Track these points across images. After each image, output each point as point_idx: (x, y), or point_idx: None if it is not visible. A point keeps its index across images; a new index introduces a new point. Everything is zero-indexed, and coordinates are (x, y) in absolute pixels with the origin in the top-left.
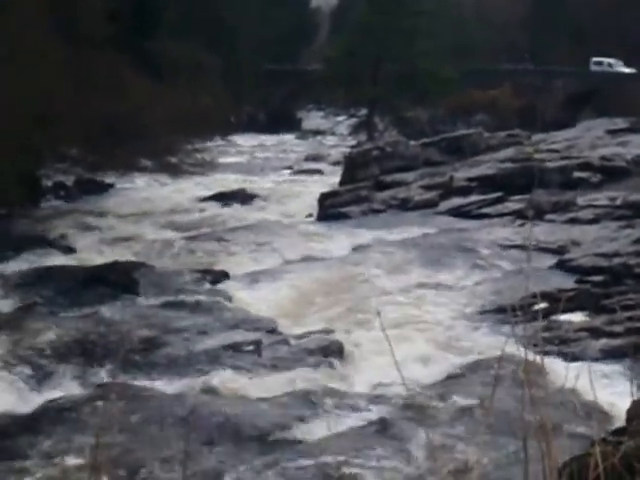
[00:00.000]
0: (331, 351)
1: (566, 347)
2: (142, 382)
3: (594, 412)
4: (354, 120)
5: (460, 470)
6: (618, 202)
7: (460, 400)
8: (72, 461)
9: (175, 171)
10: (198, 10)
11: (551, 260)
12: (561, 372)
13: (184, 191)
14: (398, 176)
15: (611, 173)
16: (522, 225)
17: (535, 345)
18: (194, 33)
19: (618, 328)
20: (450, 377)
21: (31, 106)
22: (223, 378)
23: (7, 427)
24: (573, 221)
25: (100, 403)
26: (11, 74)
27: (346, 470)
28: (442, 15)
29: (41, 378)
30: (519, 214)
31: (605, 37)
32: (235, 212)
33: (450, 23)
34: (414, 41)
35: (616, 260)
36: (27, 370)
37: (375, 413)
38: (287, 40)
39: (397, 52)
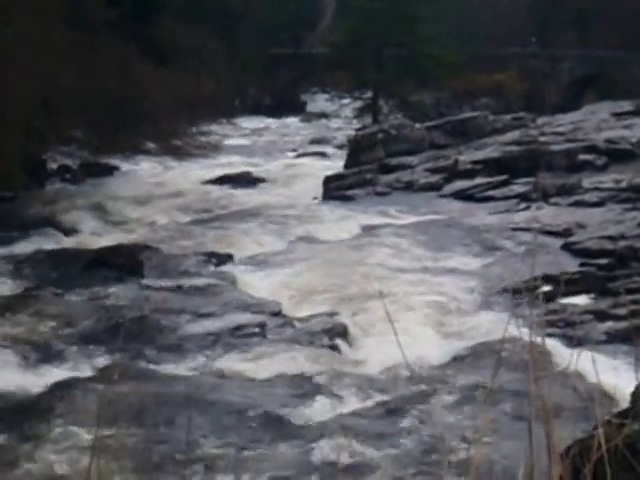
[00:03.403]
0: (336, 333)
1: (571, 330)
2: (147, 364)
3: (598, 395)
4: (359, 103)
5: (463, 451)
6: (623, 185)
7: (465, 382)
8: (75, 442)
9: (180, 154)
10: None
11: (556, 243)
12: (565, 355)
13: (189, 174)
14: (403, 159)
15: (616, 156)
16: (527, 208)
17: (540, 328)
18: (199, 17)
19: (623, 311)
20: (455, 359)
21: (36, 90)
22: (228, 360)
23: (11, 408)
24: (578, 204)
25: (104, 385)
26: (15, 58)
27: (351, 452)
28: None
29: (45, 359)
30: (524, 197)
31: (609, 21)
32: (240, 195)
33: (456, 7)
34: (419, 25)
35: (621, 243)
36: (31, 352)
37: (380, 395)
38: (292, 24)
39: (402, 36)
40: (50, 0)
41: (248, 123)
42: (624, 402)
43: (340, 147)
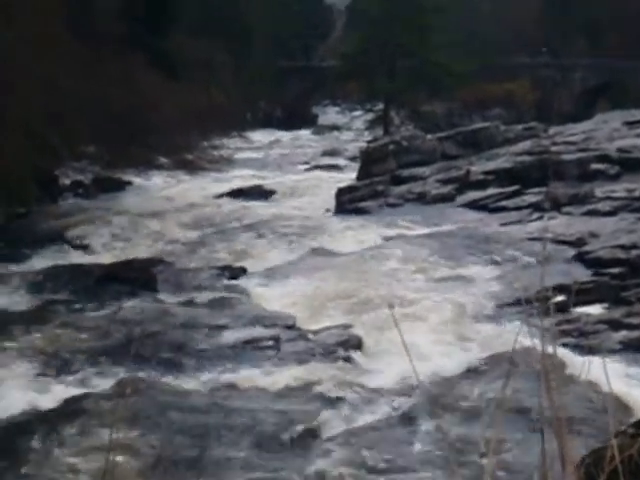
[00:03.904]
0: (350, 345)
1: (584, 339)
2: (161, 378)
3: (612, 405)
4: (370, 115)
5: (476, 464)
6: (636, 194)
7: (477, 392)
8: (87, 457)
9: (192, 168)
10: (213, 8)
11: (569, 252)
12: (579, 365)
13: (201, 188)
14: (414, 170)
15: (629, 165)
16: (540, 218)
17: (552, 337)
18: (209, 31)
19: (636, 320)
20: (469, 370)
21: (47, 105)
22: (242, 374)
23: (26, 422)
24: (591, 213)
25: (118, 399)
26: (27, 72)
27: (365, 465)
28: (458, 9)
29: (59, 373)
30: (537, 207)
31: (620, 29)
32: (252, 208)
33: (467, 17)
34: (429, 35)
35: (634, 252)
36: (45, 366)
37: (395, 407)
38: (302, 36)
39: (412, 47)
40: (61, 13)
41: (259, 136)
42: (638, 412)
43: (352, 159)
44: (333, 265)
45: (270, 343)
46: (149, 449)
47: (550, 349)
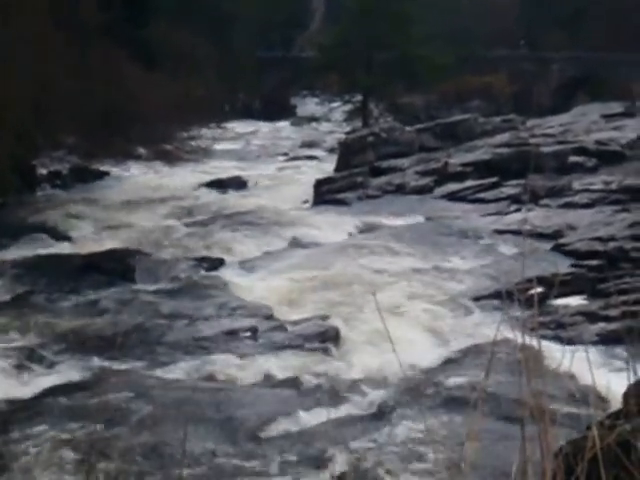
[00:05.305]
0: (328, 337)
1: (562, 331)
2: (139, 368)
3: (591, 395)
4: (349, 106)
5: (456, 453)
6: (613, 186)
7: (456, 383)
8: (69, 446)
9: (170, 159)
10: None
11: (547, 244)
12: (558, 356)
13: (180, 178)
14: (393, 162)
15: (606, 157)
16: (518, 210)
17: (532, 329)
18: (189, 21)
19: (614, 312)
20: (447, 361)
21: (26, 94)
22: (220, 364)
23: (4, 413)
24: (569, 205)
25: (97, 389)
26: (6, 61)
27: (343, 456)
28: (437, 1)
29: (38, 365)
30: (515, 199)
31: (597, 23)
32: (231, 199)
33: (445, 8)
34: (408, 28)
35: (612, 244)
36: (23, 357)
37: (372, 397)
38: (281, 27)
39: (391, 39)
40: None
41: (238, 127)
42: (616, 403)
43: (331, 150)
44: (311, 256)
45: (248, 334)
46: (125, 439)
47: (530, 340)
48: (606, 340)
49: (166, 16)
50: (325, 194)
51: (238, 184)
